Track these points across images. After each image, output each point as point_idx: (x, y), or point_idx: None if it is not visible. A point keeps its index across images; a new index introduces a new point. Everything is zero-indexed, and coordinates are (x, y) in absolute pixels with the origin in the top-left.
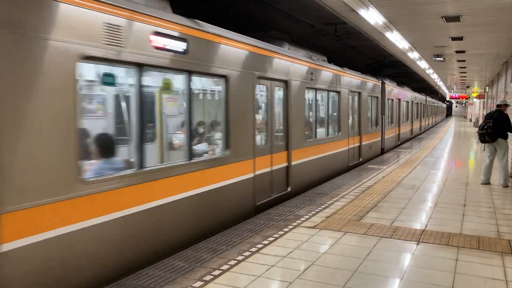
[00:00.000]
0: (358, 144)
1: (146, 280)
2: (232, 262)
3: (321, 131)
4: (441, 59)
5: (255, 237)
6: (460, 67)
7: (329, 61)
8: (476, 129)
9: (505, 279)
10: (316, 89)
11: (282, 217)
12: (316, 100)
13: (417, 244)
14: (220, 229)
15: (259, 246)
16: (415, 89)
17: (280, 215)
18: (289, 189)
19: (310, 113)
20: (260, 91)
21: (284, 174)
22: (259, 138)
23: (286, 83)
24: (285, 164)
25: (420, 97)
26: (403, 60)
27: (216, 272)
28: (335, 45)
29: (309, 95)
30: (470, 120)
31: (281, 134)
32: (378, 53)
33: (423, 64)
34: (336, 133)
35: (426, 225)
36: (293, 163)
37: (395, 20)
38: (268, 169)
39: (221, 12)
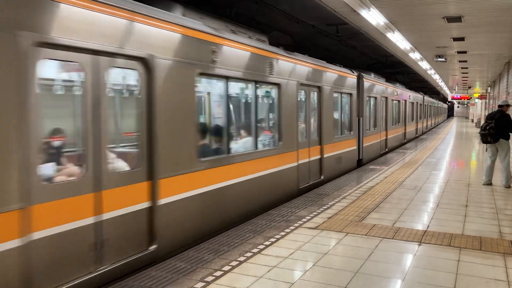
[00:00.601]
0: (319, 156)
1: (148, 281)
2: (234, 263)
3: (244, 143)
4: (443, 59)
5: (256, 238)
6: (461, 68)
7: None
8: (478, 130)
9: (507, 280)
10: (227, 78)
11: (283, 218)
12: (229, 96)
13: (419, 245)
14: None
15: (261, 247)
16: (416, 89)
17: (281, 216)
18: (154, 247)
19: (216, 116)
20: (55, 73)
21: (141, 222)
22: (58, 167)
23: (144, 63)
24: (145, 205)
25: (417, 96)
26: (405, 60)
27: (218, 273)
28: (337, 46)
29: (209, 86)
30: (472, 121)
31: (136, 152)
32: (379, 53)
33: (424, 65)
34: (275, 144)
35: (428, 226)
36: (163, 200)
37: (397, 21)
38: (87, 221)
39: (222, 13)
